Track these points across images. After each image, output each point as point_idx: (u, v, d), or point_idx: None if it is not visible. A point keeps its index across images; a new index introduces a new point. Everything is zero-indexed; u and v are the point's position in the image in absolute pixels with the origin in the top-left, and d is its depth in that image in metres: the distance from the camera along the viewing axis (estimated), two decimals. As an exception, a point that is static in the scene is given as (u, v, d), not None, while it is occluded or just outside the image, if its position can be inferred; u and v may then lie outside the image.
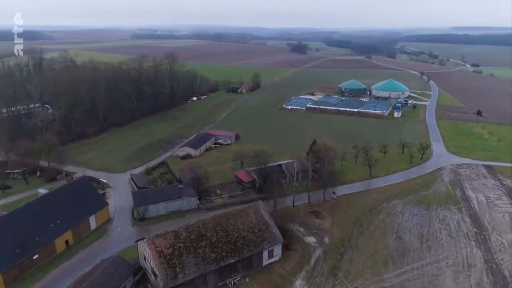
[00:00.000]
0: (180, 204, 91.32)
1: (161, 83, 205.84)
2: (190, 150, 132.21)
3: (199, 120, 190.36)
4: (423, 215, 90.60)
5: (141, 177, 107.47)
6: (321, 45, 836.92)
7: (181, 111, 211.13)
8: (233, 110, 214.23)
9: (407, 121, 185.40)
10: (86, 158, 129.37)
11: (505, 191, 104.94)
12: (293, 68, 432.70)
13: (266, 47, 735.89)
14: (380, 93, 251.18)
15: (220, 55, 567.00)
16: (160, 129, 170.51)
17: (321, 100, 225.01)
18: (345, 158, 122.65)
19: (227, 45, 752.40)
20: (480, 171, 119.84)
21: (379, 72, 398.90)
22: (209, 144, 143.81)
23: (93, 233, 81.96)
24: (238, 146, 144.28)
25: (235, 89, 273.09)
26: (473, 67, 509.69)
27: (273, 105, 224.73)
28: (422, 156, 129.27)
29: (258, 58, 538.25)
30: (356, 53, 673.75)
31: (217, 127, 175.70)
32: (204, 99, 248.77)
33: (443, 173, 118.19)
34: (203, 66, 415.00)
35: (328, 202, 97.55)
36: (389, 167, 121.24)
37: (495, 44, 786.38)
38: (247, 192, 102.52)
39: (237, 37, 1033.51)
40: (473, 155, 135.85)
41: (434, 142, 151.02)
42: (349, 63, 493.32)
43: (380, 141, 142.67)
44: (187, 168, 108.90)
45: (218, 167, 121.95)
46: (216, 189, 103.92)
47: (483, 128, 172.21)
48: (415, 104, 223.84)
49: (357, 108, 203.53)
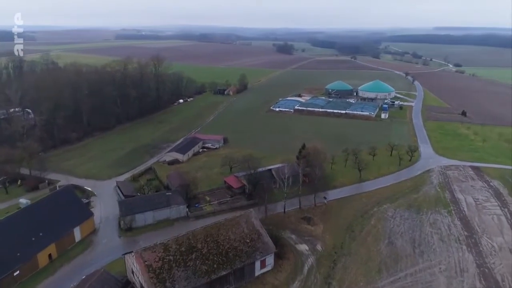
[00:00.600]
0: (168, 212, 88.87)
1: (147, 86, 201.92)
2: (177, 155, 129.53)
3: (186, 123, 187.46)
4: (414, 219, 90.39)
5: (128, 185, 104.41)
6: (306, 46, 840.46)
7: (168, 114, 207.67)
8: (221, 113, 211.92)
9: (394, 123, 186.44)
10: (69, 165, 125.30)
11: (493, 193, 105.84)
12: (279, 69, 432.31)
13: (252, 48, 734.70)
14: (367, 94, 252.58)
15: (206, 56, 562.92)
16: (146, 133, 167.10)
17: (308, 101, 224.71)
18: (335, 162, 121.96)
19: (213, 45, 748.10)
20: (468, 173, 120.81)
21: (364, 72, 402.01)
22: (197, 149, 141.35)
23: (78, 245, 78.79)
24: (226, 150, 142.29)
25: (222, 91, 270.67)
26: (456, 67, 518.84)
27: (261, 107, 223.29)
28: (411, 158, 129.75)
29: (244, 59, 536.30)
30: (341, 53, 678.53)
31: (204, 130, 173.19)
32: (191, 101, 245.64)
33: (432, 175, 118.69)
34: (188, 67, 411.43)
35: (319, 208, 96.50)
36: (379, 170, 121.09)
37: (475, 45, 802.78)
38: (236, 199, 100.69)
39: (222, 37, 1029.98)
40: (460, 156, 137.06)
41: (422, 143, 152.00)
42: (335, 64, 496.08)
43: (368, 143, 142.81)
44: (175, 175, 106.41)
45: (207, 172, 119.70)
46: (205, 196, 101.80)
47: (468, 128, 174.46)
48: (402, 105, 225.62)
49: (344, 109, 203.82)
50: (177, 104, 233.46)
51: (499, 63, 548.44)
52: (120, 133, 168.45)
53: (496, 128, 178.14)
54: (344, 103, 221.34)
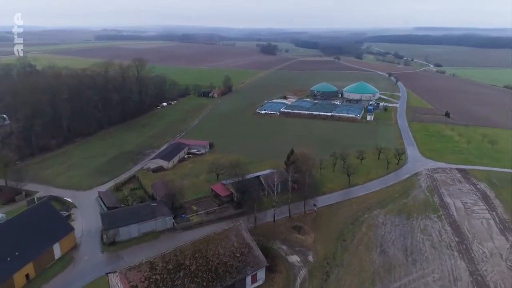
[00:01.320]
0: (154, 224, 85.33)
1: (129, 89, 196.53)
2: (162, 162, 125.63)
3: (170, 127, 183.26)
4: (405, 225, 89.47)
5: (110, 195, 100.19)
6: (290, 46, 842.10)
7: (151, 118, 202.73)
8: (206, 116, 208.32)
9: (380, 125, 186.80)
10: (48, 174, 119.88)
11: (480, 196, 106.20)
12: (264, 70, 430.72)
13: (236, 48, 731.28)
14: (352, 96, 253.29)
15: (189, 57, 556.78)
16: (129, 139, 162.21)
17: (294, 104, 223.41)
18: (323, 166, 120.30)
19: (195, 46, 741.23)
20: (455, 176, 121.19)
21: (348, 73, 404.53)
22: (182, 155, 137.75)
23: (58, 263, 74.41)
24: (212, 155, 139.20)
25: (207, 93, 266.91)
26: (436, 67, 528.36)
27: (246, 109, 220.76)
28: (398, 162, 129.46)
29: (228, 60, 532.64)
30: (324, 54, 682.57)
31: (189, 135, 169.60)
32: (175, 104, 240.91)
33: (420, 178, 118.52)
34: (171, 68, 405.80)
35: (309, 215, 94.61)
36: (367, 174, 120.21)
37: (454, 45, 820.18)
38: (224, 208, 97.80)
39: (206, 38, 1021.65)
40: (446, 158, 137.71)
41: (408, 146, 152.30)
42: (319, 65, 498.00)
43: (355, 146, 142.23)
44: (160, 184, 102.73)
45: (193, 180, 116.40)
46: (192, 205, 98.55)
47: (453, 130, 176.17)
48: (386, 106, 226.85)
49: (330, 112, 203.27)
50: (160, 107, 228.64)
51: (478, 63, 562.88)
52: (102, 139, 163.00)
53: (479, 129, 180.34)
54: (330, 105, 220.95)
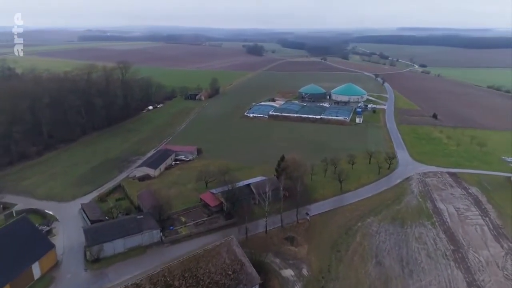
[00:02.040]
0: (140, 239, 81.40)
1: (113, 93, 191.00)
2: (148, 170, 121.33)
3: (157, 132, 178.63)
4: (399, 234, 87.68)
5: (94, 207, 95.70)
6: (276, 46, 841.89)
7: (137, 122, 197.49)
8: (193, 120, 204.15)
9: (369, 127, 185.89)
10: (28, 185, 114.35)
11: (473, 201, 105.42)
12: (251, 72, 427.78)
13: (222, 49, 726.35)
14: (340, 97, 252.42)
15: (175, 58, 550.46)
16: (114, 145, 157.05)
17: (283, 107, 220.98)
18: (314, 172, 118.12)
19: (181, 47, 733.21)
20: (446, 180, 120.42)
21: (335, 74, 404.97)
22: (169, 162, 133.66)
23: (38, 284, 69.85)
24: (200, 162, 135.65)
25: (194, 96, 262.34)
26: (421, 68, 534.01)
27: (234, 113, 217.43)
28: (389, 166, 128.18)
29: (214, 61, 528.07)
30: (311, 54, 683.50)
31: (176, 140, 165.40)
32: (161, 107, 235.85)
33: (412, 183, 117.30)
34: (157, 70, 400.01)
35: (302, 225, 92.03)
36: (359, 179, 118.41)
37: (438, 45, 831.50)
38: (214, 218, 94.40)
39: (191, 38, 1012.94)
40: (437, 161, 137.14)
41: (398, 149, 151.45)
42: (306, 65, 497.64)
43: (346, 150, 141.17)
44: (147, 194, 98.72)
45: (181, 188, 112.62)
46: (180, 216, 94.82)
47: (441, 132, 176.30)
48: (374, 108, 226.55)
49: (319, 114, 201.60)
50: (146, 111, 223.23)
51: (461, 63, 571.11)
52: (85, 145, 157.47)
53: (466, 130, 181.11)
54: (319, 108, 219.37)
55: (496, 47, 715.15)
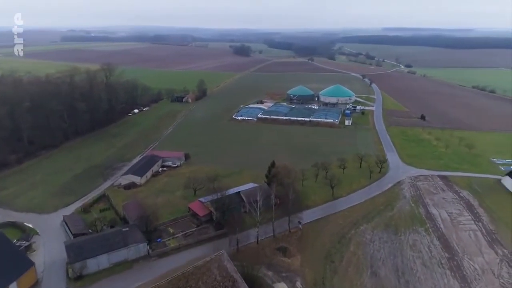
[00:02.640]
0: (126, 253, 77.62)
1: (97, 97, 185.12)
2: (134, 178, 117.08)
3: (143, 136, 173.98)
4: (393, 242, 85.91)
5: (77, 219, 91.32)
6: (263, 47, 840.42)
7: (122, 126, 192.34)
8: (180, 123, 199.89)
9: (358, 129, 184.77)
10: (7, 195, 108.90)
11: (465, 205, 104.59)
12: (238, 73, 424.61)
13: (209, 50, 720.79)
14: (328, 99, 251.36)
15: (161, 59, 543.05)
16: (98, 151, 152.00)
17: (271, 109, 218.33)
18: (305, 177, 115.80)
19: (168, 47, 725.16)
20: (437, 183, 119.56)
21: (323, 75, 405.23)
22: (156, 168, 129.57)
23: (16, 305, 65.77)
24: (188, 168, 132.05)
25: (180, 99, 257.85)
26: (407, 68, 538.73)
27: (222, 115, 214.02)
28: (380, 170, 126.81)
29: (201, 62, 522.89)
30: (298, 55, 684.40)
31: (163, 145, 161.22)
32: (147, 111, 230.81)
33: (403, 188, 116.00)
34: (143, 71, 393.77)
35: (294, 234, 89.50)
36: (350, 184, 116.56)
37: (423, 45, 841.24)
38: (203, 228, 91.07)
39: (178, 38, 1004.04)
40: (427, 164, 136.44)
41: (388, 152, 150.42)
42: (293, 66, 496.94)
43: (336, 154, 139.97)
44: (133, 204, 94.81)
45: (168, 196, 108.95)
46: (168, 227, 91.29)
47: (430, 134, 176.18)
48: (363, 110, 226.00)
49: (308, 117, 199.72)
50: (132, 114, 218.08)
51: (446, 63, 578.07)
52: (68, 151, 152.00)
53: (455, 132, 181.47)
54: (307, 110, 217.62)
55: (478, 48, 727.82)
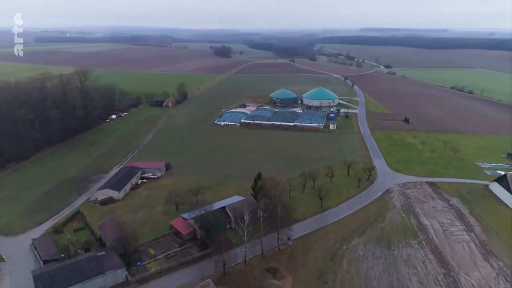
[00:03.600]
0: (102, 281, 71.03)
1: (71, 103, 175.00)
2: (111, 193, 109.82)
3: (121, 145, 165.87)
4: (387, 257, 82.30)
5: (48, 242, 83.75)
6: (244, 48, 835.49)
7: (99, 134, 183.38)
8: (160, 130, 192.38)
9: (343, 134, 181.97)
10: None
11: (456, 214, 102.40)
12: (219, 75, 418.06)
13: (189, 51, 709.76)
14: (312, 102, 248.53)
15: (140, 61, 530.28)
16: (73, 162, 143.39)
17: (254, 113, 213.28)
18: (292, 188, 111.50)
19: (146, 49, 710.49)
20: (426, 191, 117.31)
21: (305, 77, 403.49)
22: (135, 181, 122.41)
23: None
24: (170, 179, 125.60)
25: (160, 103, 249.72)
26: (387, 68, 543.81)
27: (204, 120, 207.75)
28: (369, 177, 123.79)
29: (181, 64, 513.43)
30: (279, 56, 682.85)
31: (142, 153, 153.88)
32: (125, 116, 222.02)
33: (393, 196, 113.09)
34: (121, 74, 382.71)
35: (283, 251, 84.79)
36: (339, 194, 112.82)
37: (400, 46, 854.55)
38: (187, 248, 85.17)
39: (157, 39, 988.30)
40: (414, 170, 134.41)
41: (375, 157, 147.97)
42: (275, 68, 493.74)
43: (322, 161, 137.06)
44: (110, 224, 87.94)
45: (149, 212, 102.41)
46: (149, 248, 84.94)
47: (414, 137, 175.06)
48: (347, 113, 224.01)
49: (292, 121, 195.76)
50: (109, 120, 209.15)
51: (424, 63, 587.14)
52: (40, 163, 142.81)
53: (439, 135, 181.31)
54: (291, 114, 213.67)
55: (453, 48, 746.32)
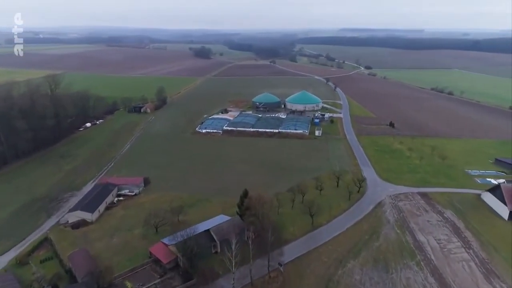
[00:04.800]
0: (71, 326, 62.46)
1: (41, 113, 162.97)
2: (84, 214, 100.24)
3: (95, 156, 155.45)
4: (385, 283, 76.57)
5: (9, 279, 74.04)
6: (224, 49, 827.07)
7: (71, 144, 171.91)
8: (138, 138, 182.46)
9: (329, 140, 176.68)
10: None
11: (451, 229, 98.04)
12: (199, 77, 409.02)
13: (168, 53, 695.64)
14: (295, 106, 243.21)
15: (117, 63, 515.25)
16: (42, 177, 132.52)
17: (237, 120, 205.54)
18: (281, 204, 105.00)
19: (124, 50, 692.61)
20: (418, 203, 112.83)
21: (287, 79, 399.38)
22: (111, 199, 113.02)
23: None
24: (149, 196, 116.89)
25: (138, 109, 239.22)
26: (367, 70, 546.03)
27: (185, 128, 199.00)
28: (359, 190, 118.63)
29: (160, 66, 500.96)
30: (259, 57, 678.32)
31: (119, 166, 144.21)
32: (101, 124, 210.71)
33: (385, 210, 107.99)
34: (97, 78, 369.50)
35: (275, 279, 77.88)
36: (330, 209, 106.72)
37: (379, 46, 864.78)
38: (168, 279, 77.08)
39: (135, 40, 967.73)
40: (404, 179, 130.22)
41: (364, 166, 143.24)
42: (256, 69, 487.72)
43: (310, 171, 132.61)
44: (81, 255, 78.90)
45: (125, 236, 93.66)
46: (125, 281, 76.36)
47: (401, 143, 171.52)
48: (332, 117, 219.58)
49: (277, 128, 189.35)
50: (83, 129, 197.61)
51: (403, 64, 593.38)
52: (5, 180, 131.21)
53: (425, 140, 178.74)
54: (275, 120, 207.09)
55: (430, 49, 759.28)
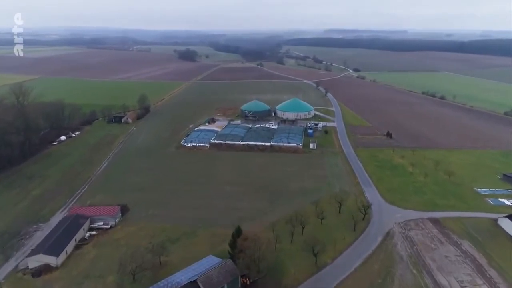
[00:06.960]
0: None
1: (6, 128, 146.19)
2: (48, 258, 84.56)
3: (68, 177, 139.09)
4: None
5: None
6: (209, 50, 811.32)
7: (41, 163, 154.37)
8: (117, 154, 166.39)
9: (325, 155, 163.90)
10: None
11: (473, 266, 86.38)
12: (184, 81, 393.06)
13: (152, 55, 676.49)
14: (286, 115, 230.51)
15: (98, 67, 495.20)
16: (4, 206, 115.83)
17: (226, 132, 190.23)
18: (279, 238, 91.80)
19: (106, 52, 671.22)
20: (431, 232, 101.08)
21: (275, 83, 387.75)
22: (82, 234, 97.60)
23: None
24: (126, 229, 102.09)
25: (119, 118, 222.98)
26: (356, 72, 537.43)
27: (169, 141, 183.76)
28: (364, 217, 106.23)
29: (143, 69, 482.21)
30: (246, 59, 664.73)
31: (94, 190, 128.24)
32: (77, 136, 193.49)
33: (396, 242, 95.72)
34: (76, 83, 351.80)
35: None
36: (334, 243, 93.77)
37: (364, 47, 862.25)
38: None
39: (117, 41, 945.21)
40: (411, 202, 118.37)
41: (365, 186, 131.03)
42: (243, 72, 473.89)
43: (308, 193, 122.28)
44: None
45: (96, 286, 78.77)
46: None
47: (403, 157, 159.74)
48: (326, 127, 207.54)
49: (268, 141, 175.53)
50: (57, 143, 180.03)
51: (390, 66, 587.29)
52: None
53: (426, 152, 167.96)
54: (266, 131, 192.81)
55: (415, 50, 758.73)
